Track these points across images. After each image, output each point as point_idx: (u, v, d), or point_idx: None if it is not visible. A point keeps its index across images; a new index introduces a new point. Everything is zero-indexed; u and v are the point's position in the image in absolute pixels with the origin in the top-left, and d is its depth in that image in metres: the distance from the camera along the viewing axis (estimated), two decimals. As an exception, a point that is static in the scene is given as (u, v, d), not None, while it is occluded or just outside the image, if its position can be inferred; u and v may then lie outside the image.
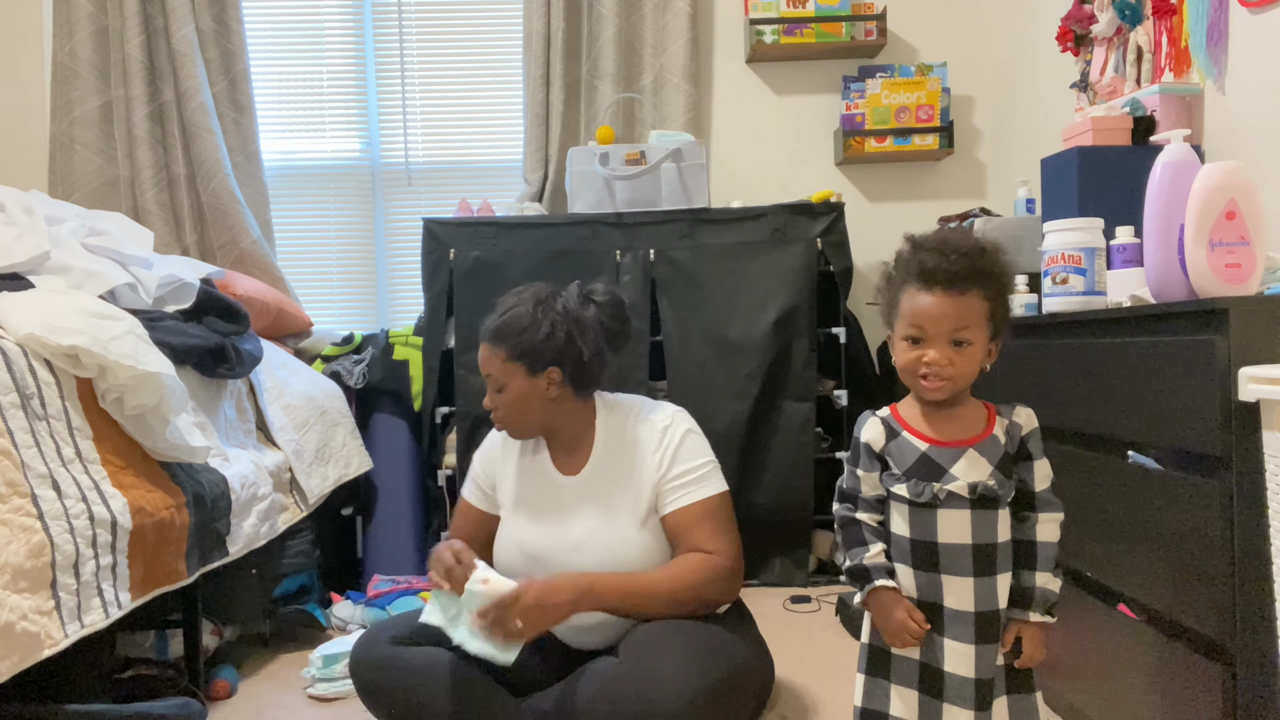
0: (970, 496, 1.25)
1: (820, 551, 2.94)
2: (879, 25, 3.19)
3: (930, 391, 1.27)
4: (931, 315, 1.25)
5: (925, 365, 1.25)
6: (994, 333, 1.28)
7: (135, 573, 1.59)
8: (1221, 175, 1.39)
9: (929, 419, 1.32)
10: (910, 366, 1.28)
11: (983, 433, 1.29)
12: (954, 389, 1.27)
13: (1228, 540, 1.26)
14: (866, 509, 1.34)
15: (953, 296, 1.24)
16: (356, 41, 3.44)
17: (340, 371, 2.94)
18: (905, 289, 1.29)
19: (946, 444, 1.29)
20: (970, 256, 1.25)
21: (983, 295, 1.25)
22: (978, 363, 1.27)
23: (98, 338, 1.60)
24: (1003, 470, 1.27)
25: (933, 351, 1.25)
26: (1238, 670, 1.26)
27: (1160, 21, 2.21)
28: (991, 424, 1.30)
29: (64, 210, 2.15)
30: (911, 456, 1.30)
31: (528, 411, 1.69)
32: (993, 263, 1.27)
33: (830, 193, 2.97)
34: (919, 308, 1.26)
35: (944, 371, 1.25)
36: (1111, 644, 1.56)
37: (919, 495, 1.27)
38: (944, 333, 1.24)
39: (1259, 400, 1.19)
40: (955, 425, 1.30)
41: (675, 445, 1.69)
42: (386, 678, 1.59)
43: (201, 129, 3.19)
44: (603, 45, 3.27)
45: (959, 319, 1.24)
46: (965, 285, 1.24)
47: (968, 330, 1.24)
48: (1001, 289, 1.28)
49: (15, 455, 1.38)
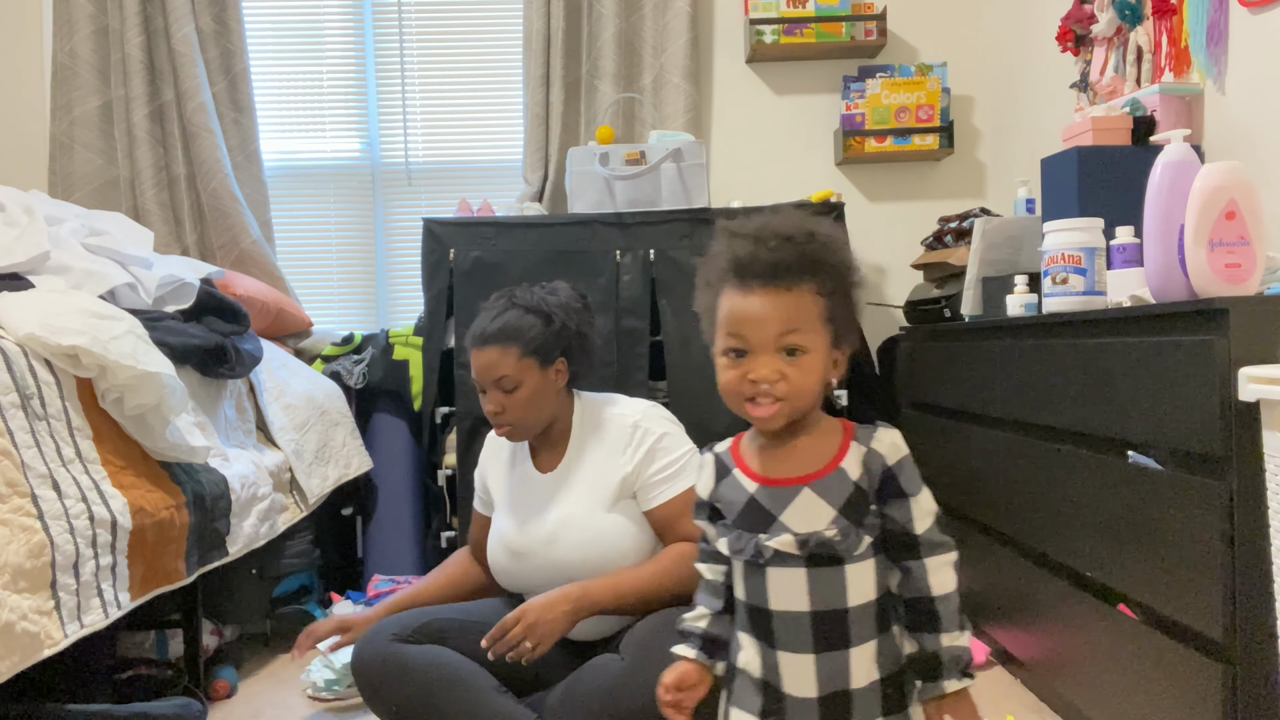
0: (800, 553, 1.02)
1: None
2: (879, 25, 3.19)
3: (762, 418, 1.03)
4: (752, 318, 1.02)
5: (752, 384, 1.02)
6: (836, 337, 1.06)
7: (135, 573, 1.59)
8: (1221, 175, 1.39)
9: (765, 453, 1.09)
10: (734, 387, 1.03)
11: (825, 467, 1.05)
12: (792, 411, 1.03)
13: (1228, 540, 1.26)
14: (707, 560, 1.15)
15: (777, 293, 1.02)
16: (356, 41, 3.43)
17: (340, 371, 2.94)
18: (721, 292, 1.06)
19: (778, 483, 1.06)
20: (796, 241, 1.03)
21: (816, 290, 1.03)
22: (818, 375, 1.04)
23: (98, 338, 1.60)
24: (852, 513, 1.03)
25: (759, 365, 1.01)
26: (1238, 670, 1.26)
27: (1160, 21, 2.21)
28: (841, 454, 1.05)
29: (64, 210, 2.15)
30: (739, 501, 1.08)
31: (541, 407, 1.73)
32: (825, 249, 1.05)
33: (830, 193, 2.97)
34: (737, 311, 1.03)
35: (776, 389, 1.01)
36: (1111, 644, 1.56)
37: (740, 551, 1.06)
38: (770, 339, 1.01)
39: (1259, 400, 1.19)
40: (793, 458, 1.06)
41: (651, 442, 1.73)
42: (388, 676, 1.59)
43: (201, 129, 3.19)
44: (603, 45, 3.27)
45: (787, 320, 1.01)
46: (792, 278, 1.02)
47: (799, 334, 1.01)
48: (840, 281, 1.05)
49: (15, 455, 1.38)
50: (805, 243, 1.04)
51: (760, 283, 1.03)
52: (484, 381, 1.70)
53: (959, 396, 2.26)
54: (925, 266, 2.87)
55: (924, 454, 2.53)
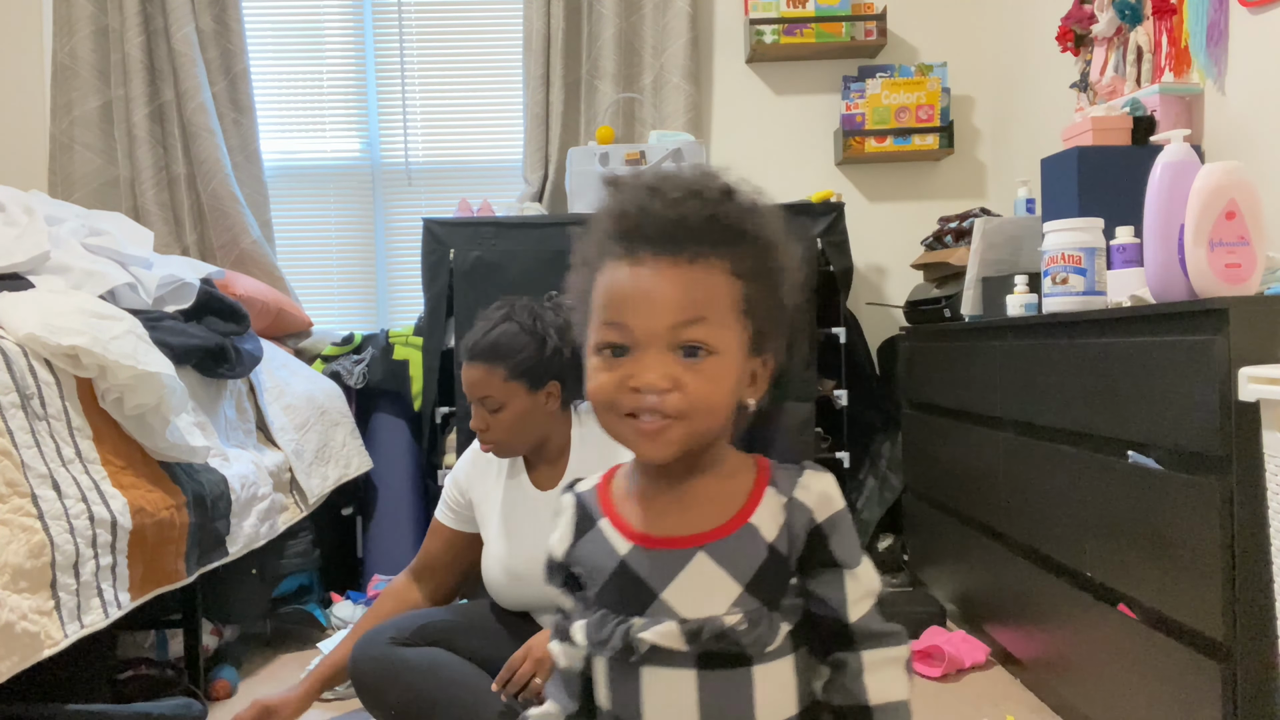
0: (688, 648, 0.75)
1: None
2: (879, 25, 3.19)
3: (649, 443, 0.74)
4: (638, 299, 0.74)
5: (633, 393, 0.73)
6: (756, 340, 0.78)
7: (135, 573, 1.59)
8: (1221, 175, 1.39)
9: (647, 499, 0.80)
10: (607, 396, 0.74)
11: (729, 521, 0.77)
12: (689, 436, 0.74)
13: (1228, 540, 1.26)
14: (562, 638, 0.84)
15: (675, 265, 0.74)
16: (356, 41, 3.43)
17: (340, 371, 2.93)
18: (600, 266, 0.78)
19: (662, 543, 0.77)
20: (705, 198, 0.76)
21: (730, 268, 0.75)
22: (727, 387, 0.76)
23: (98, 338, 1.60)
24: (765, 590, 0.76)
25: (645, 367, 0.73)
26: (1238, 670, 1.26)
27: (1160, 21, 2.21)
28: (752, 504, 0.78)
29: (64, 210, 2.15)
30: (606, 567, 0.78)
31: (527, 430, 1.66)
32: (747, 214, 0.77)
33: (830, 193, 2.97)
34: (617, 289, 0.75)
35: (667, 402, 0.72)
36: (1111, 644, 1.56)
37: (602, 644, 0.77)
38: (661, 330, 0.73)
39: (1259, 400, 1.19)
40: (685, 508, 0.78)
41: None
42: (386, 679, 1.59)
43: (201, 129, 3.19)
44: (603, 45, 3.27)
45: (686, 304, 0.73)
46: (697, 246, 0.74)
47: (703, 326, 0.73)
48: (764, 262, 0.78)
49: (15, 455, 1.38)
50: (719, 201, 0.76)
51: (652, 250, 0.74)
52: (470, 398, 1.64)
53: (959, 396, 2.26)
54: (925, 266, 2.87)
55: (924, 454, 2.53)
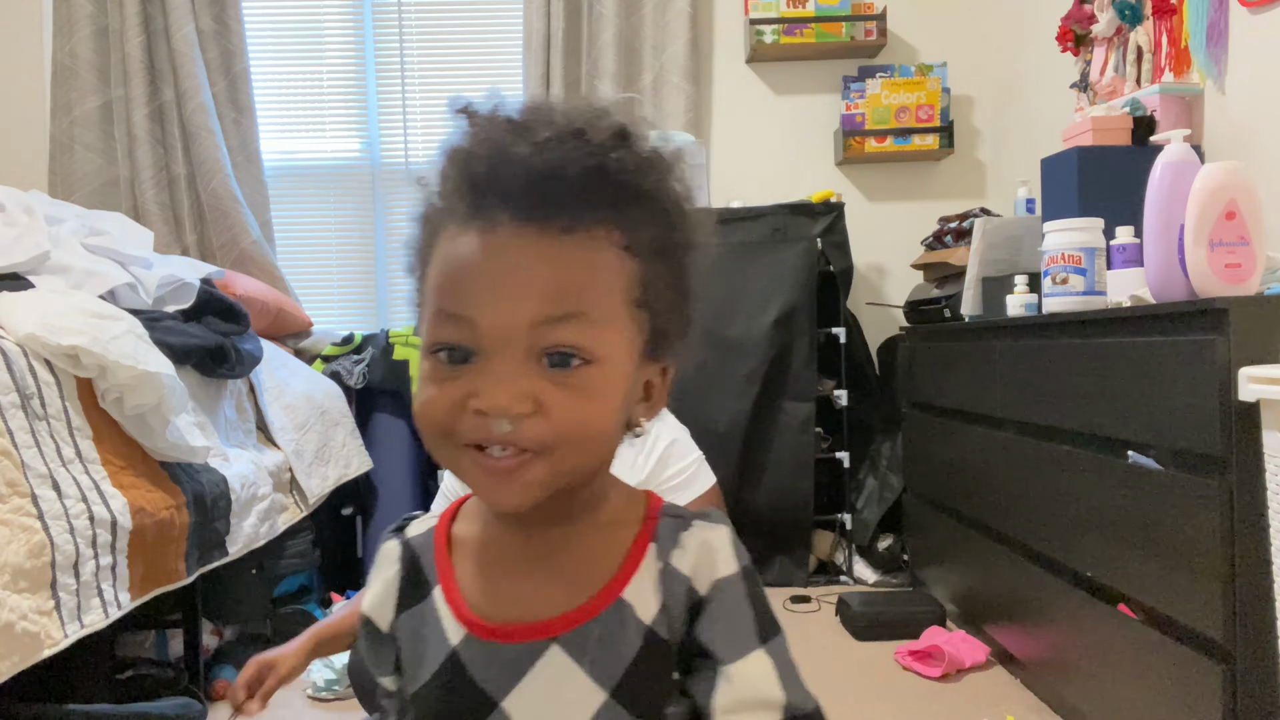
0: None
1: (820, 552, 2.94)
2: (879, 25, 3.19)
3: (499, 487, 0.56)
4: (487, 285, 0.55)
5: (478, 418, 0.54)
6: (654, 340, 0.61)
7: (135, 573, 1.59)
8: (1221, 175, 1.39)
9: (494, 557, 0.62)
10: (442, 421, 0.56)
11: (595, 598, 0.59)
12: (556, 478, 0.56)
13: (1228, 540, 1.26)
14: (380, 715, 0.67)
15: (541, 238, 0.55)
16: (356, 41, 3.43)
17: (340, 371, 2.93)
18: (441, 229, 0.58)
19: (505, 635, 0.59)
20: (590, 141, 0.55)
21: (622, 241, 0.57)
22: (612, 408, 0.57)
23: (98, 338, 1.60)
24: (640, 696, 0.58)
25: (494, 381, 0.54)
26: (1238, 670, 1.26)
27: (1160, 21, 2.21)
28: (630, 569, 0.59)
29: (64, 210, 2.15)
30: (434, 657, 0.60)
31: None
32: (648, 164, 0.58)
33: (830, 193, 2.97)
34: (459, 268, 0.56)
35: (525, 431, 0.54)
36: (1111, 644, 1.56)
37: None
38: (519, 331, 0.54)
39: (1259, 400, 1.19)
40: (545, 577, 0.60)
41: (662, 448, 1.70)
42: None
43: (201, 129, 3.19)
44: (603, 45, 3.27)
45: (556, 295, 0.54)
46: (575, 210, 0.55)
47: (579, 325, 0.55)
48: (671, 232, 0.60)
49: (15, 455, 1.38)
50: (609, 146, 0.56)
51: (511, 213, 0.54)
52: None
53: (959, 396, 2.26)
54: (925, 266, 2.87)
55: (924, 454, 2.53)
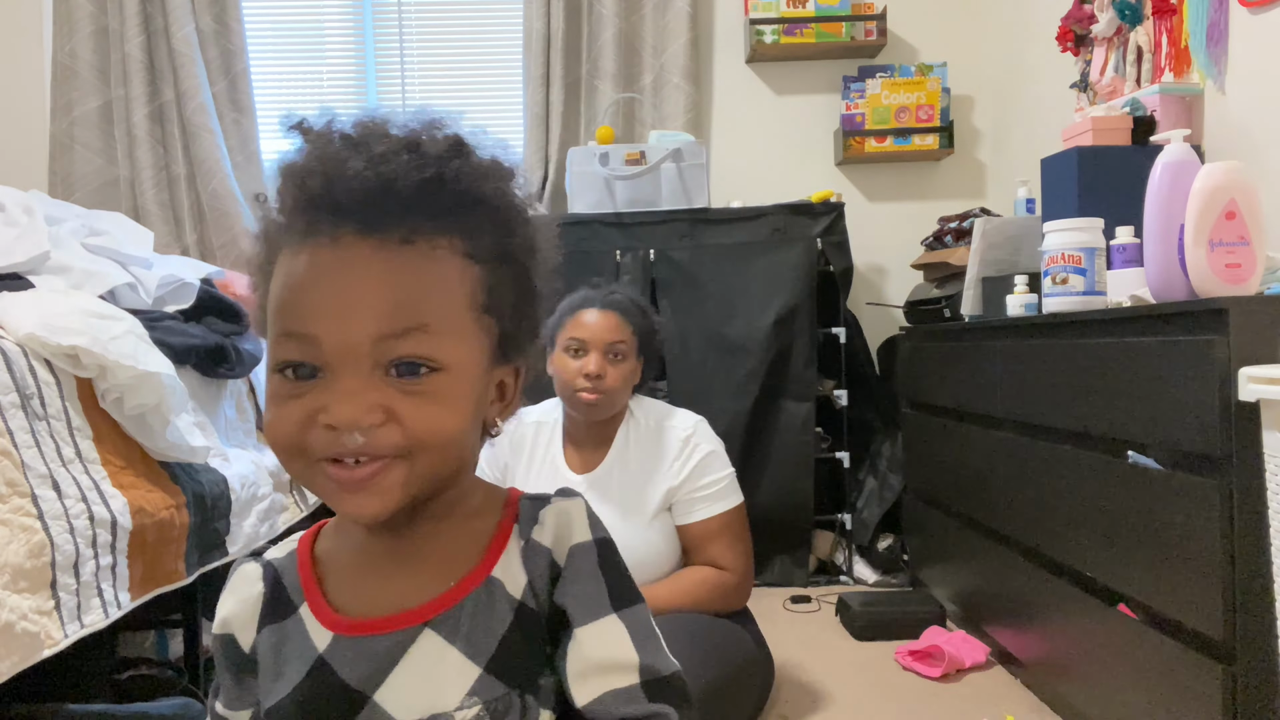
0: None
1: (820, 551, 2.94)
2: (879, 25, 3.19)
3: (357, 497, 0.57)
4: (327, 301, 0.56)
5: (328, 433, 0.56)
6: (502, 345, 0.62)
7: (135, 573, 1.59)
8: (1221, 175, 1.39)
9: (363, 562, 0.64)
10: (293, 439, 0.57)
11: (465, 579, 0.61)
12: (415, 481, 0.58)
13: (1228, 540, 1.26)
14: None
15: (380, 250, 0.56)
16: (356, 41, 3.43)
17: (340, 371, 2.94)
18: (280, 247, 0.59)
19: (375, 627, 0.60)
20: (424, 154, 0.57)
21: (463, 249, 0.59)
22: (465, 411, 0.59)
23: (98, 338, 1.60)
24: (513, 668, 0.60)
25: (340, 396, 0.55)
26: (1238, 670, 1.26)
27: (1160, 21, 2.21)
28: (496, 550, 0.62)
29: (64, 210, 2.15)
30: (298, 668, 0.61)
31: (627, 390, 1.75)
32: (484, 173, 0.60)
33: (830, 193, 2.97)
34: (299, 285, 0.57)
35: (376, 441, 0.56)
36: (1111, 644, 1.56)
37: None
38: (362, 345, 0.56)
39: (1259, 400, 1.19)
40: (415, 572, 0.62)
41: (699, 459, 1.73)
42: None
43: (201, 129, 3.19)
44: (603, 45, 3.27)
45: (397, 309, 0.56)
46: (413, 220, 0.57)
47: (424, 336, 0.56)
48: (512, 237, 0.61)
49: (15, 455, 1.38)
50: (445, 158, 0.57)
51: (351, 226, 0.56)
52: (596, 341, 1.69)
53: (959, 396, 2.26)
54: (925, 266, 2.87)
55: (924, 454, 2.53)
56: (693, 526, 1.70)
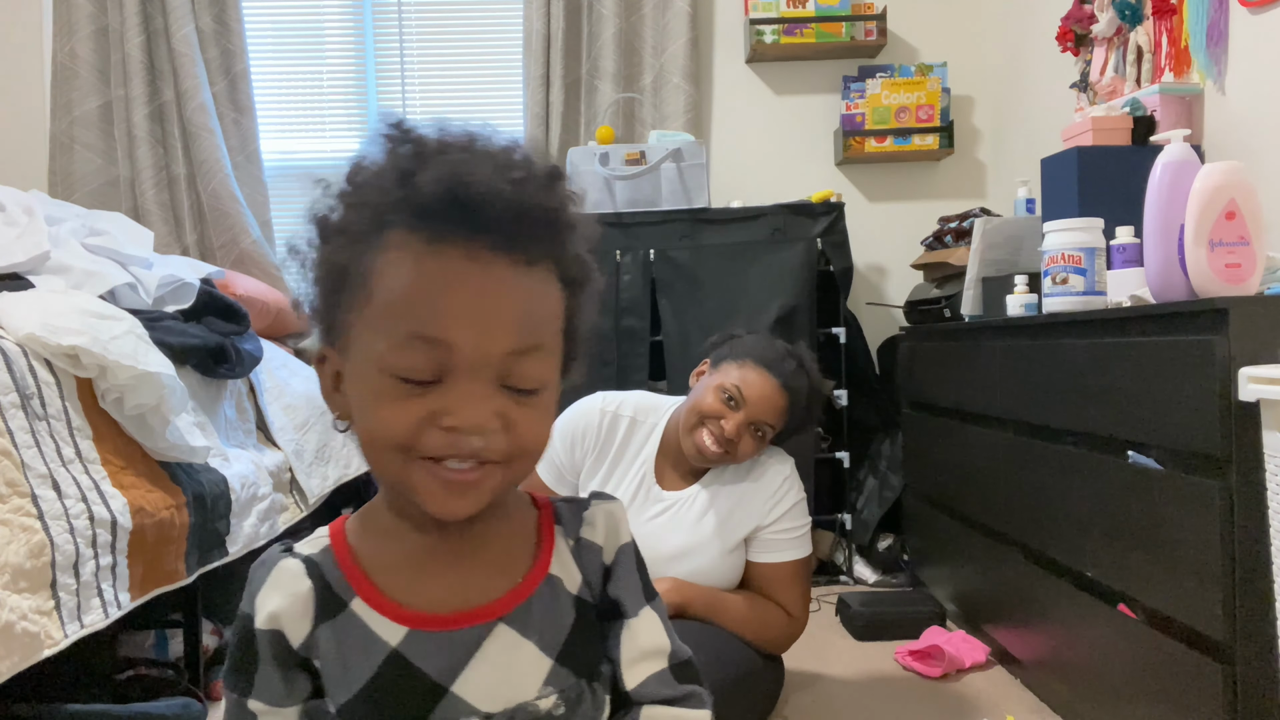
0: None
1: (820, 552, 2.94)
2: (879, 25, 3.19)
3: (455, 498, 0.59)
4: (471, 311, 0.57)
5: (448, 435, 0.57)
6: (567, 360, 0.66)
7: (135, 573, 1.59)
8: (1221, 175, 1.39)
9: (421, 559, 0.64)
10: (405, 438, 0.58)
11: (528, 577, 0.65)
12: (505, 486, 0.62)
13: (1228, 540, 1.26)
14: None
15: (513, 269, 0.58)
16: (356, 41, 3.43)
17: (340, 371, 2.93)
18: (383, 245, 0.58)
19: (449, 623, 0.62)
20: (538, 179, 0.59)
21: (559, 275, 0.62)
22: (553, 423, 0.64)
23: (98, 338, 1.60)
24: (580, 658, 0.65)
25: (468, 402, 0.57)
26: (1238, 670, 1.26)
27: (1160, 21, 2.21)
28: (547, 549, 0.66)
29: (64, 210, 2.15)
30: (369, 663, 0.61)
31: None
32: (571, 200, 0.62)
33: (830, 193, 2.97)
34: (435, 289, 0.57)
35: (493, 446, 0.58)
36: (1111, 644, 1.56)
37: None
38: (495, 356, 0.57)
39: (1259, 400, 1.19)
40: (473, 568, 0.64)
41: (792, 502, 1.75)
42: None
43: (201, 129, 3.19)
44: (603, 45, 3.27)
45: (529, 328, 0.59)
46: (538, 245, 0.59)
47: (540, 356, 0.60)
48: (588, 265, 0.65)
49: (15, 455, 1.38)
50: (550, 185, 0.60)
51: (491, 242, 0.56)
52: (752, 411, 1.65)
53: (959, 396, 2.26)
54: (925, 266, 2.87)
55: (924, 454, 2.53)
56: (767, 567, 1.73)
